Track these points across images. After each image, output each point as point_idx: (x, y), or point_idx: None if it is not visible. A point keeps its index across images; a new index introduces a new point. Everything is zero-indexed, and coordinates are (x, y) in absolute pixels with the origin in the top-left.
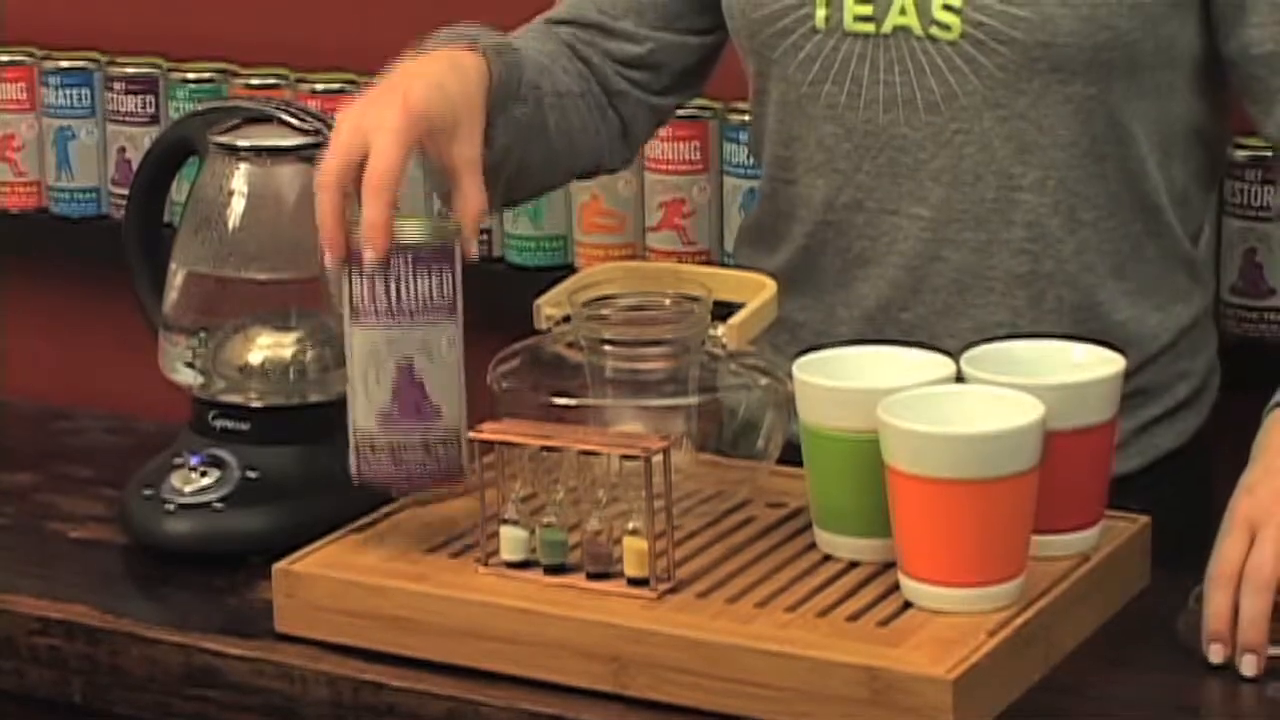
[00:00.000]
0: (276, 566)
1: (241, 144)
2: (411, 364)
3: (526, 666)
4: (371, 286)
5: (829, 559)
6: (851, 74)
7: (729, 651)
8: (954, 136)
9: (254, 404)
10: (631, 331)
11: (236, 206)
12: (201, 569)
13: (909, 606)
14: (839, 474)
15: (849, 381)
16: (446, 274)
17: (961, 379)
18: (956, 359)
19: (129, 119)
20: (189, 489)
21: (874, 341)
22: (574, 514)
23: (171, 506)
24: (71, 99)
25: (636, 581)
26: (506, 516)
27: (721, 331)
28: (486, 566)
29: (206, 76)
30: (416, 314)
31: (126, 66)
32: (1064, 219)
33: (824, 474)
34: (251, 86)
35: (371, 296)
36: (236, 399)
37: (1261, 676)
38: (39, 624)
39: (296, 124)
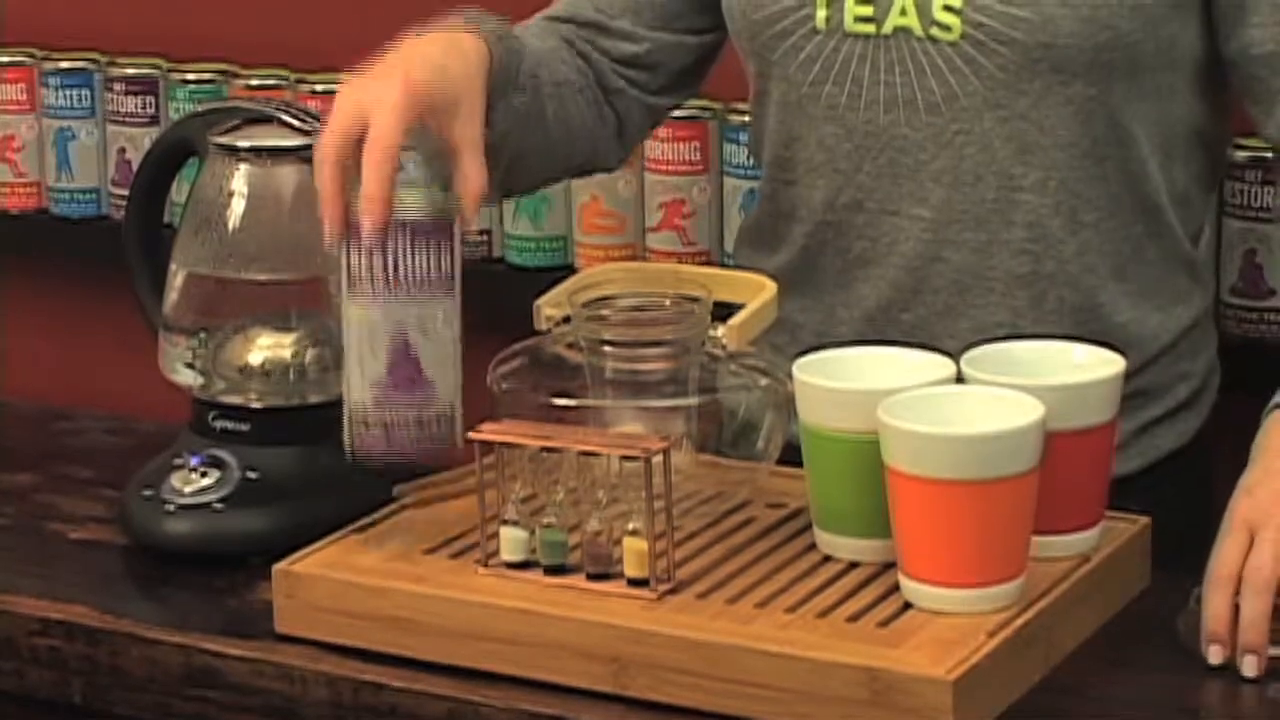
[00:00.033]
0: (276, 567)
1: (241, 145)
2: (407, 338)
3: (526, 667)
4: (369, 260)
5: (829, 560)
6: (852, 75)
7: (729, 652)
8: (954, 137)
9: (254, 405)
10: (631, 332)
11: (236, 207)
12: (201, 570)
13: (909, 607)
14: (839, 475)
15: (849, 382)
16: (445, 250)
17: (961, 380)
18: (957, 360)
19: (129, 120)
20: (189, 489)
21: (874, 342)
22: (574, 515)
23: (171, 507)
24: (71, 100)
25: (636, 582)
26: (506, 517)
27: (721, 332)
28: (486, 567)
29: (206, 77)
30: (413, 288)
31: (126, 67)
32: (1065, 220)
33: (824, 475)
34: (251, 87)
35: (369, 270)
36: (236, 400)
37: (1262, 677)
38: (39, 625)
39: (296, 125)
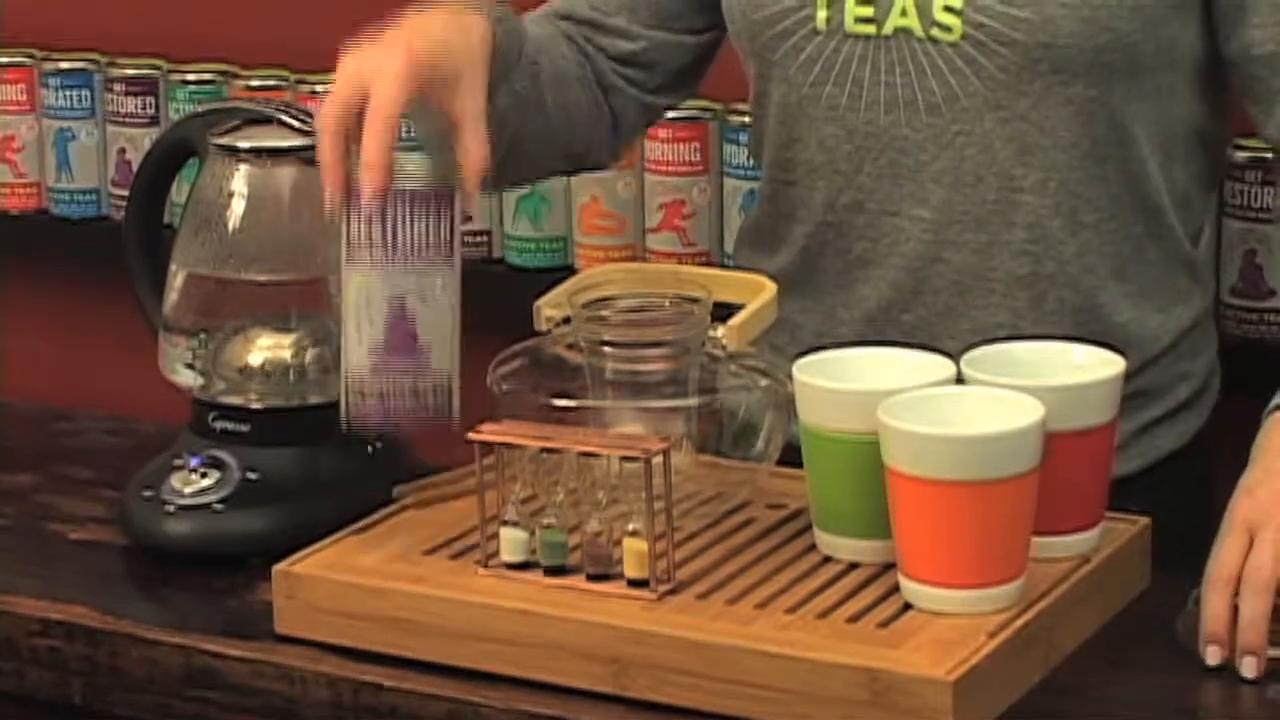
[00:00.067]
0: (276, 568)
1: (242, 145)
2: (404, 304)
3: (526, 668)
4: (368, 227)
5: (829, 560)
6: (852, 76)
7: (729, 653)
8: (955, 138)
9: (254, 405)
10: (631, 333)
11: (236, 208)
12: (201, 570)
13: (909, 608)
14: (839, 475)
15: (849, 383)
16: (444, 219)
17: (962, 380)
18: (957, 360)
19: (129, 120)
20: (189, 490)
21: (874, 343)
22: (574, 515)
23: (171, 508)
24: (71, 100)
25: (636, 583)
26: (506, 518)
27: (721, 333)
28: (486, 568)
29: (207, 78)
30: (411, 255)
31: (126, 68)
32: (1065, 220)
33: (824, 475)
34: (252, 88)
35: (367, 236)
36: (236, 400)
37: (1261, 678)
38: (39, 625)
39: (297, 125)
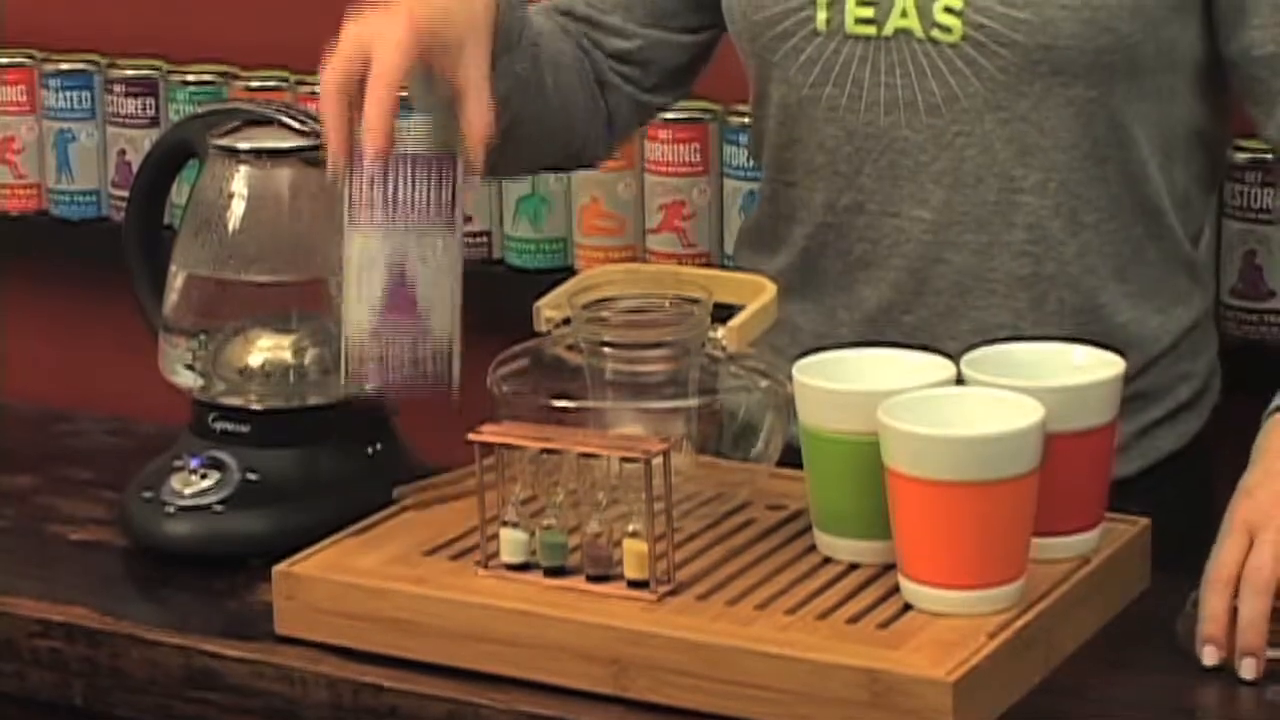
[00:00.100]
0: (276, 569)
1: (242, 146)
2: (404, 266)
3: (527, 669)
4: (369, 188)
5: (829, 561)
6: (852, 76)
7: (729, 654)
8: (955, 139)
9: (254, 406)
10: (631, 334)
11: (236, 209)
12: (201, 571)
13: (909, 609)
14: (839, 476)
15: (849, 384)
16: (446, 183)
17: (962, 381)
18: (957, 361)
19: (129, 121)
20: (189, 491)
21: (874, 344)
22: (574, 516)
23: (171, 509)
24: (71, 101)
25: (636, 584)
26: (506, 519)
27: (721, 334)
28: (486, 569)
29: (207, 79)
30: (413, 218)
31: (126, 69)
32: (1065, 221)
33: (824, 476)
34: (251, 89)
35: (368, 198)
36: (236, 401)
37: (1261, 679)
38: (39, 626)
39: (297, 126)
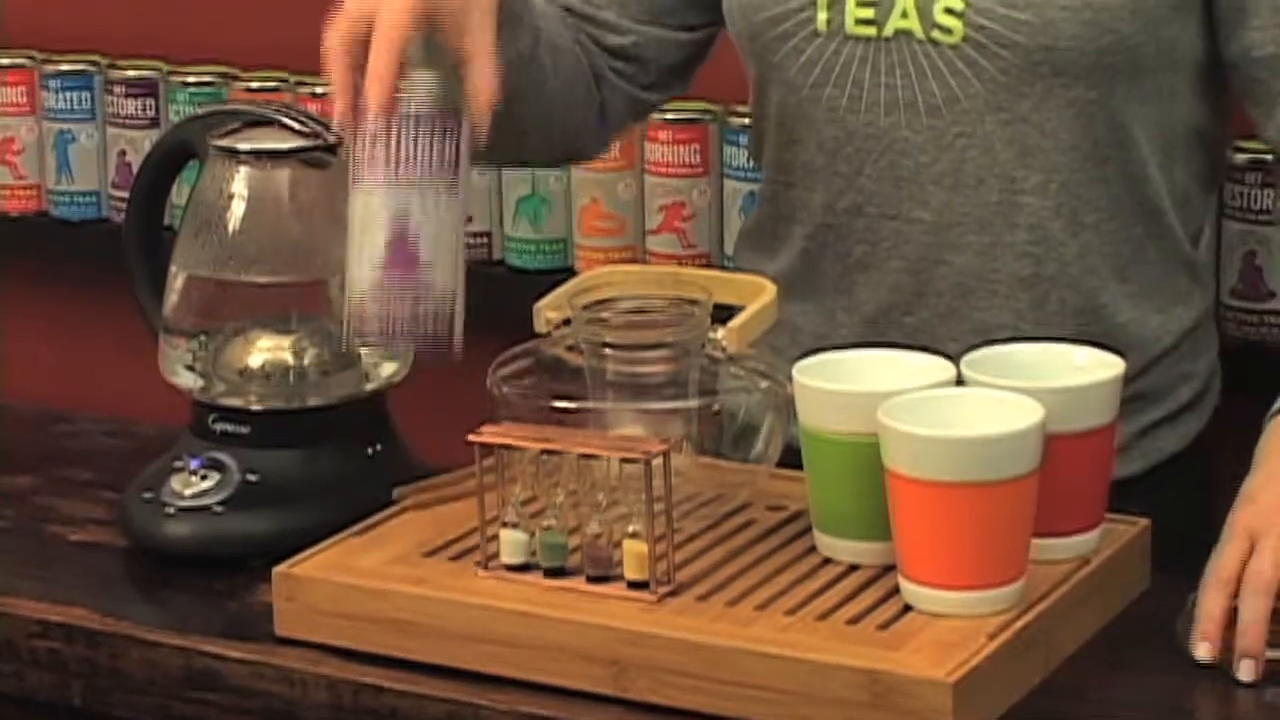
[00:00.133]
0: (276, 570)
1: (242, 147)
2: (406, 222)
3: (527, 669)
4: (372, 145)
5: (829, 562)
6: (853, 77)
7: (729, 654)
8: (955, 140)
9: (254, 407)
10: (632, 335)
11: (236, 210)
12: (201, 572)
13: (909, 610)
14: (839, 477)
15: (849, 385)
16: (450, 141)
17: (962, 382)
18: (958, 362)
19: (129, 122)
20: (189, 492)
21: (874, 344)
22: (574, 517)
23: (171, 510)
24: (72, 102)
25: (636, 584)
26: (506, 519)
27: (721, 335)
28: (486, 570)
29: (206, 80)
30: (415, 174)
31: (127, 70)
32: (1066, 222)
33: (824, 477)
34: (252, 90)
35: (371, 155)
36: (236, 402)
37: (1260, 681)
38: (39, 627)
39: (296, 127)
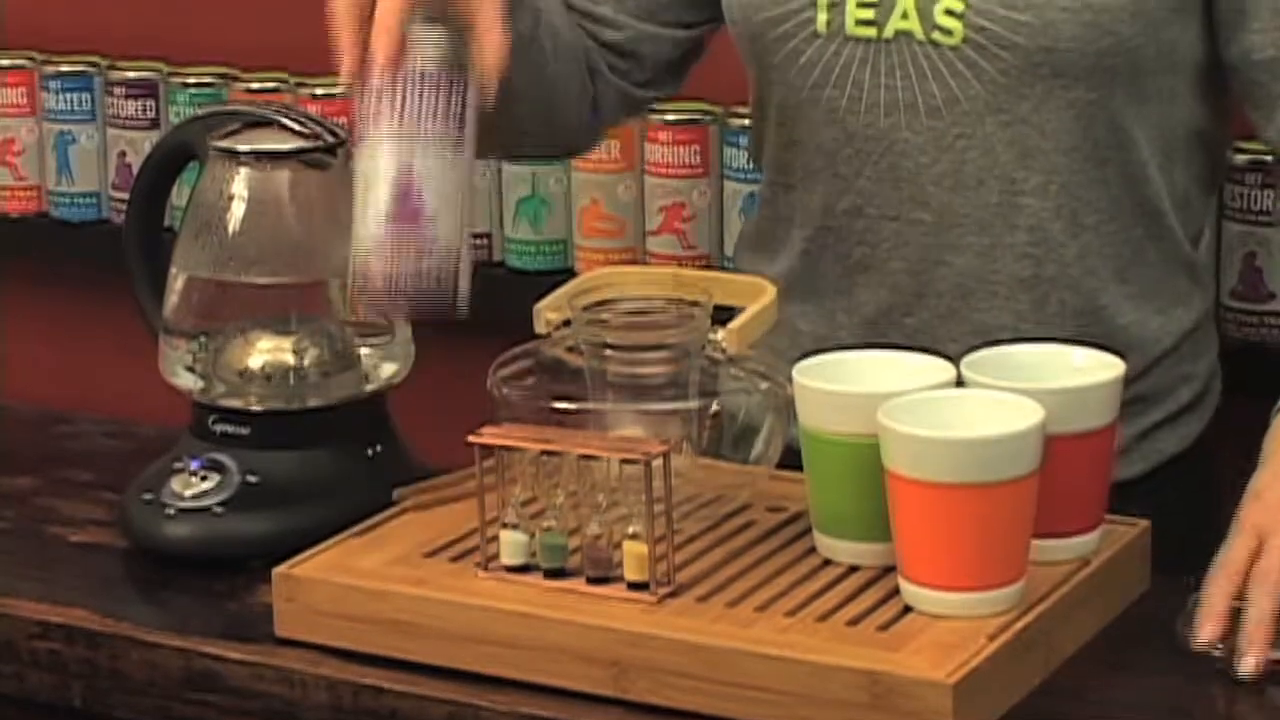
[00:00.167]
0: (276, 571)
1: (242, 148)
2: (411, 175)
3: (527, 671)
4: (378, 100)
5: (829, 563)
6: (853, 79)
7: (729, 655)
8: (955, 141)
9: (254, 408)
10: (632, 336)
11: (237, 211)
12: (201, 573)
13: (909, 611)
14: (839, 478)
15: (849, 386)
16: (456, 97)
17: (962, 383)
18: (958, 363)
19: (129, 123)
20: (189, 493)
21: (874, 346)
22: (574, 518)
23: (171, 511)
24: (72, 103)
25: (636, 586)
26: (506, 520)
27: (721, 336)
28: (486, 571)
29: (207, 81)
30: (420, 128)
31: (127, 71)
32: (1066, 223)
33: (824, 478)
34: (252, 91)
35: (378, 109)
36: (237, 403)
37: (1262, 680)
38: (39, 628)
39: (296, 128)
